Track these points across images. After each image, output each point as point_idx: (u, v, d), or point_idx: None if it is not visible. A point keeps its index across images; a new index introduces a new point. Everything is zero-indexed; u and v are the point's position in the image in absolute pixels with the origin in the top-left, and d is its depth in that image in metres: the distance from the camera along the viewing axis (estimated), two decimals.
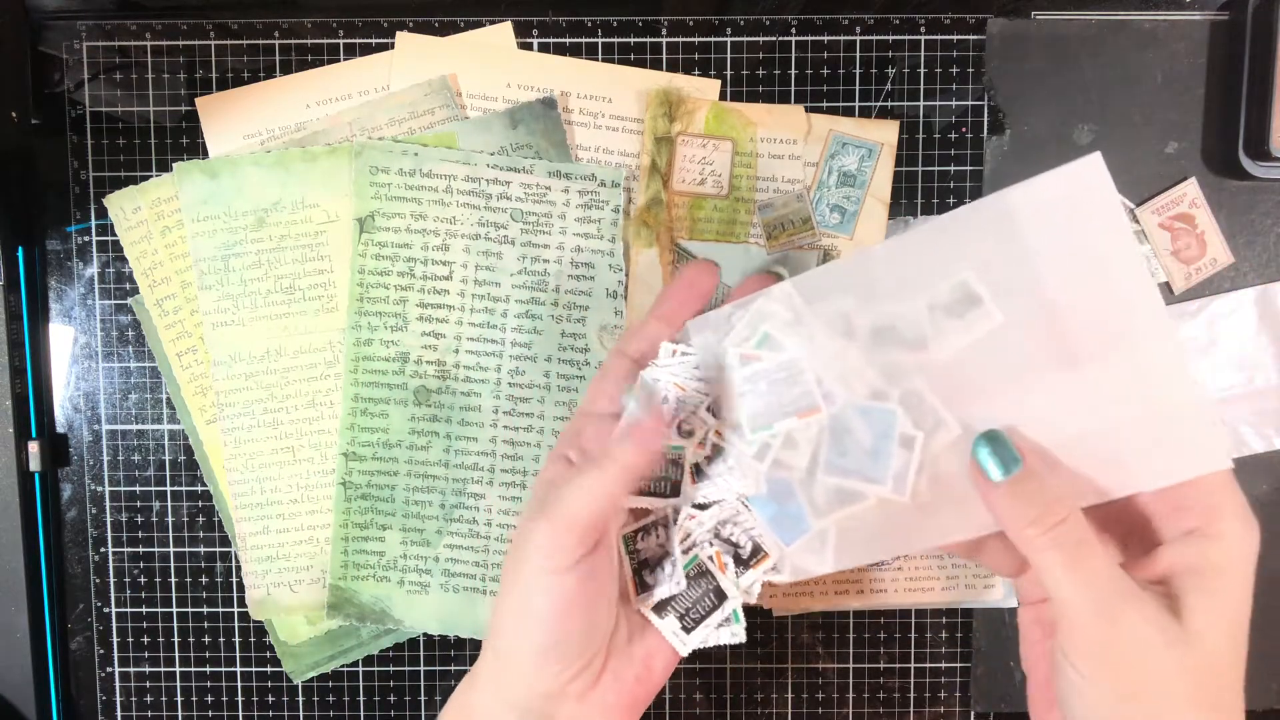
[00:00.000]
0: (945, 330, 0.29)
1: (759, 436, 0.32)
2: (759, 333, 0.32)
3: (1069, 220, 0.28)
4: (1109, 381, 0.28)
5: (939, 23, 0.48)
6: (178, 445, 0.49)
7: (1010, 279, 0.29)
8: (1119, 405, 0.28)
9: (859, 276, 0.31)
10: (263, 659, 0.49)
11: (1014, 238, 0.28)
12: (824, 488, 0.32)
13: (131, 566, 0.49)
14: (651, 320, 0.36)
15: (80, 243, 0.48)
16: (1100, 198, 0.28)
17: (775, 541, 0.33)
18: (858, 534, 0.32)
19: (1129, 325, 0.28)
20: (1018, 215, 0.28)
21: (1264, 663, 0.49)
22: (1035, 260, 0.28)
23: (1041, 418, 0.29)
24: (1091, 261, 0.28)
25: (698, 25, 0.47)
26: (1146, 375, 0.28)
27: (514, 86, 0.47)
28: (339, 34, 0.47)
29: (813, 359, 0.31)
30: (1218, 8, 0.47)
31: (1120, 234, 0.28)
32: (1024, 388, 0.29)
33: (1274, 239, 0.48)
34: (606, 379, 0.36)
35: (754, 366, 0.32)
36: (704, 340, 0.34)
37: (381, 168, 0.46)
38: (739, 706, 0.50)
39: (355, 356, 0.47)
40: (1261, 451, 0.49)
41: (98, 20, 0.47)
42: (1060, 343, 0.28)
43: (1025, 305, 0.29)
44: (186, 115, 0.48)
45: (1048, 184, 0.28)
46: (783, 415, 0.32)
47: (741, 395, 0.33)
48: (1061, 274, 0.28)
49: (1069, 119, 0.48)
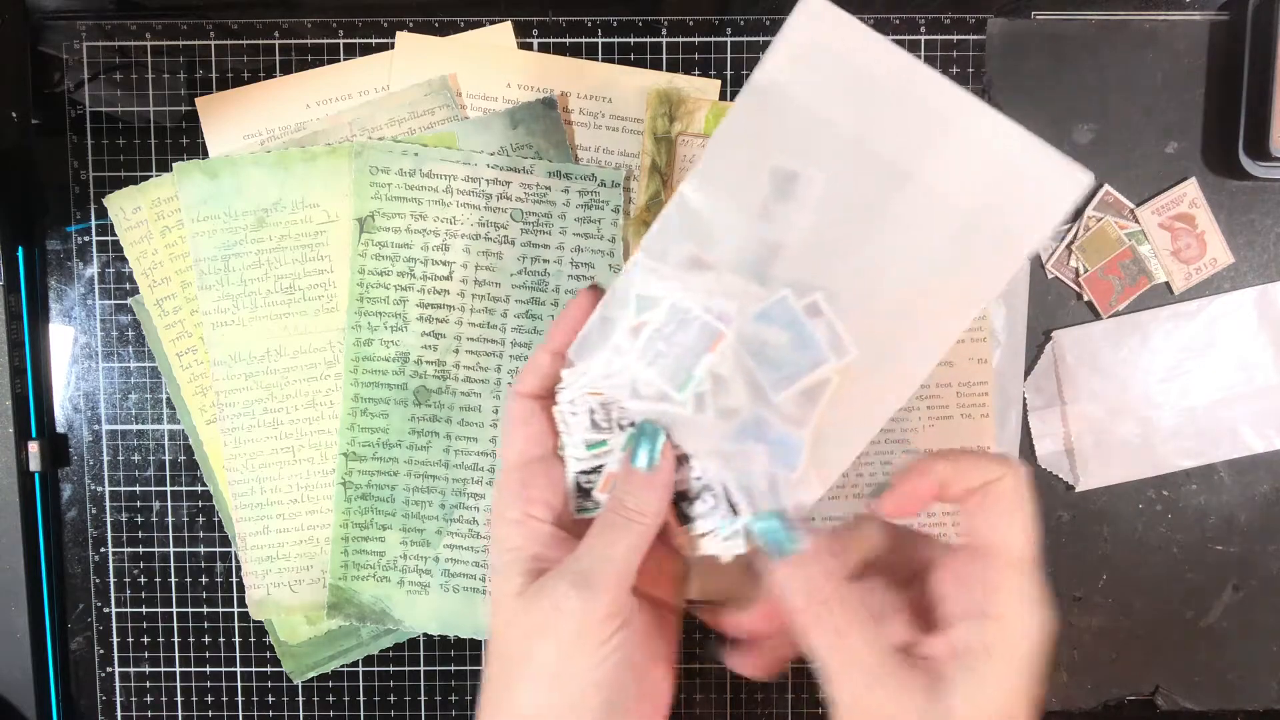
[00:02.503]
0: (783, 216, 0.30)
1: (688, 391, 0.32)
2: (631, 299, 0.32)
3: (823, 61, 0.29)
4: (947, 173, 0.29)
5: (939, 23, 0.48)
6: (178, 445, 0.49)
7: (809, 142, 0.30)
8: (967, 191, 0.29)
9: (686, 218, 0.31)
10: (263, 659, 0.49)
11: (789, 106, 0.30)
12: (786, 399, 0.31)
13: (131, 566, 0.49)
14: (540, 353, 0.34)
15: (80, 243, 0.48)
16: (835, 26, 0.29)
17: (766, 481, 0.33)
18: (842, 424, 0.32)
19: (935, 114, 0.29)
20: (775, 86, 0.30)
21: (1264, 662, 0.49)
22: (819, 113, 0.29)
23: (902, 244, 0.30)
24: (866, 82, 0.29)
25: (698, 25, 0.47)
26: (977, 146, 0.29)
27: (514, 86, 0.47)
28: (339, 34, 0.47)
29: (690, 295, 0.31)
30: (1218, 8, 0.47)
31: (868, 40, 0.29)
32: (876, 226, 0.30)
33: (1274, 239, 0.48)
34: (511, 426, 0.33)
35: (645, 332, 0.32)
36: (589, 352, 0.33)
37: (381, 168, 0.46)
38: (739, 706, 0.50)
39: (355, 356, 0.47)
40: (1262, 452, 0.49)
41: (98, 20, 0.47)
42: (886, 167, 0.29)
43: (835, 155, 0.30)
44: (186, 115, 0.48)
45: (783, 43, 0.29)
46: (696, 358, 0.31)
47: (650, 364, 0.32)
48: (849, 111, 0.29)
49: (1069, 119, 0.48)
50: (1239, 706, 0.50)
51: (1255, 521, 0.49)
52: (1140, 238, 0.48)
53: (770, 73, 0.30)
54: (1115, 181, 0.48)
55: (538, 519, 0.32)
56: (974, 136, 0.29)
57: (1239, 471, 0.49)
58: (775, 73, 0.30)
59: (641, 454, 0.31)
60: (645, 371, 0.32)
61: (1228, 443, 0.49)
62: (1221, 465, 0.49)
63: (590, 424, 0.33)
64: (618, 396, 0.32)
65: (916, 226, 0.30)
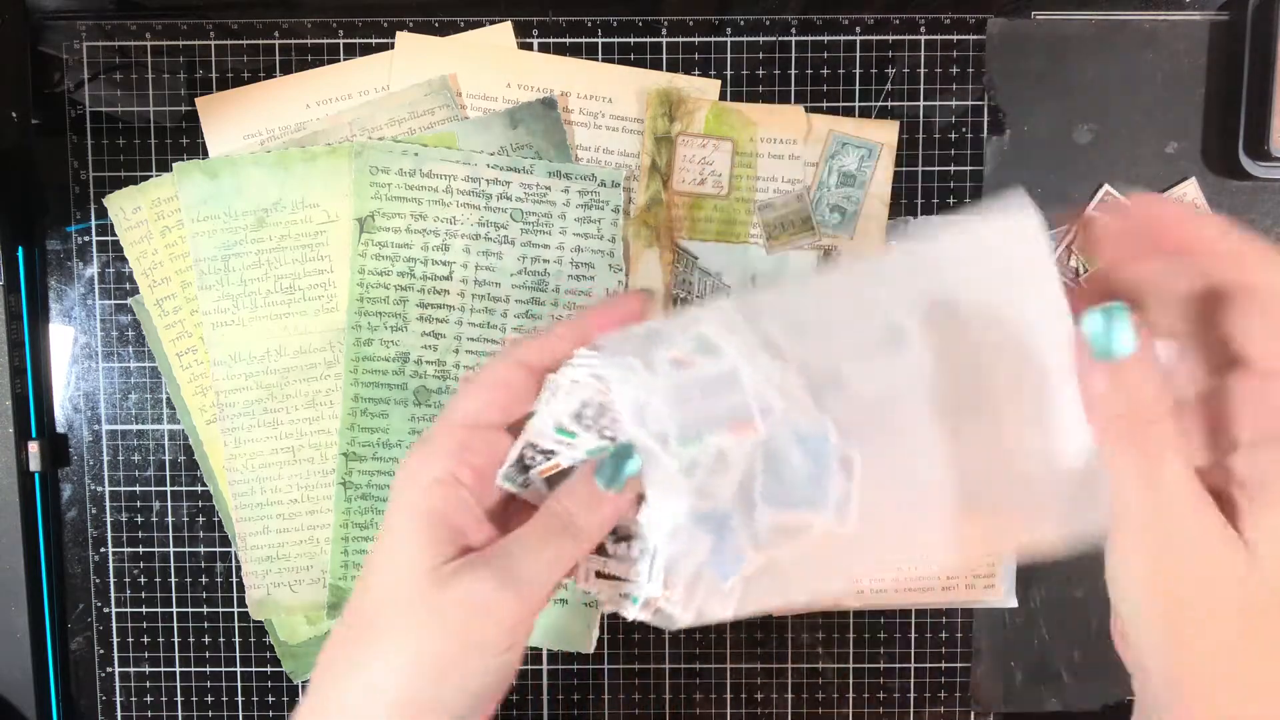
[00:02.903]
0: (874, 367, 0.29)
1: (688, 451, 0.29)
2: (694, 336, 0.30)
3: (998, 271, 0.28)
4: (1013, 434, 0.28)
5: (939, 23, 0.48)
6: (178, 445, 0.48)
7: (937, 323, 0.29)
8: (1019, 457, 0.28)
9: (791, 305, 0.30)
10: (263, 659, 0.49)
11: (943, 283, 0.28)
12: (765, 520, 0.30)
13: (131, 566, 0.49)
14: (561, 333, 0.30)
15: (80, 243, 0.48)
16: (1030, 251, 0.28)
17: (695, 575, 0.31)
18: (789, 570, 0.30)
19: (1040, 381, 0.28)
20: (948, 260, 0.28)
21: None
22: (962, 308, 0.28)
23: (948, 462, 0.29)
24: (1017, 315, 0.28)
25: (698, 25, 0.47)
26: (1045, 430, 0.28)
27: (514, 86, 0.47)
28: (339, 34, 0.47)
29: (750, 369, 0.29)
30: (1218, 8, 0.47)
31: (1047, 291, 0.27)
32: (938, 430, 0.29)
33: (1274, 239, 0.48)
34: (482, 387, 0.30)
35: (689, 373, 0.29)
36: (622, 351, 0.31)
37: (381, 168, 0.46)
38: (739, 706, 0.50)
39: (355, 357, 0.47)
40: None
41: (98, 20, 0.47)
42: (976, 390, 0.28)
43: (947, 351, 0.29)
44: (186, 115, 0.48)
45: (980, 231, 0.28)
46: (715, 427, 0.29)
47: (672, 403, 0.29)
48: (986, 323, 0.28)
49: (1069, 119, 0.48)
50: None
51: None
52: None
53: (943, 249, 0.28)
54: (1115, 181, 0.48)
55: (466, 486, 0.29)
56: (1050, 419, 0.28)
57: None
58: (944, 250, 0.28)
59: (611, 473, 0.29)
60: (663, 406, 0.30)
61: None
62: None
63: (575, 411, 0.30)
64: (622, 409, 0.30)
65: (954, 461, 0.29)
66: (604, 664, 0.49)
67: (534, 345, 0.30)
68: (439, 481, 0.28)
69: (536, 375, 0.30)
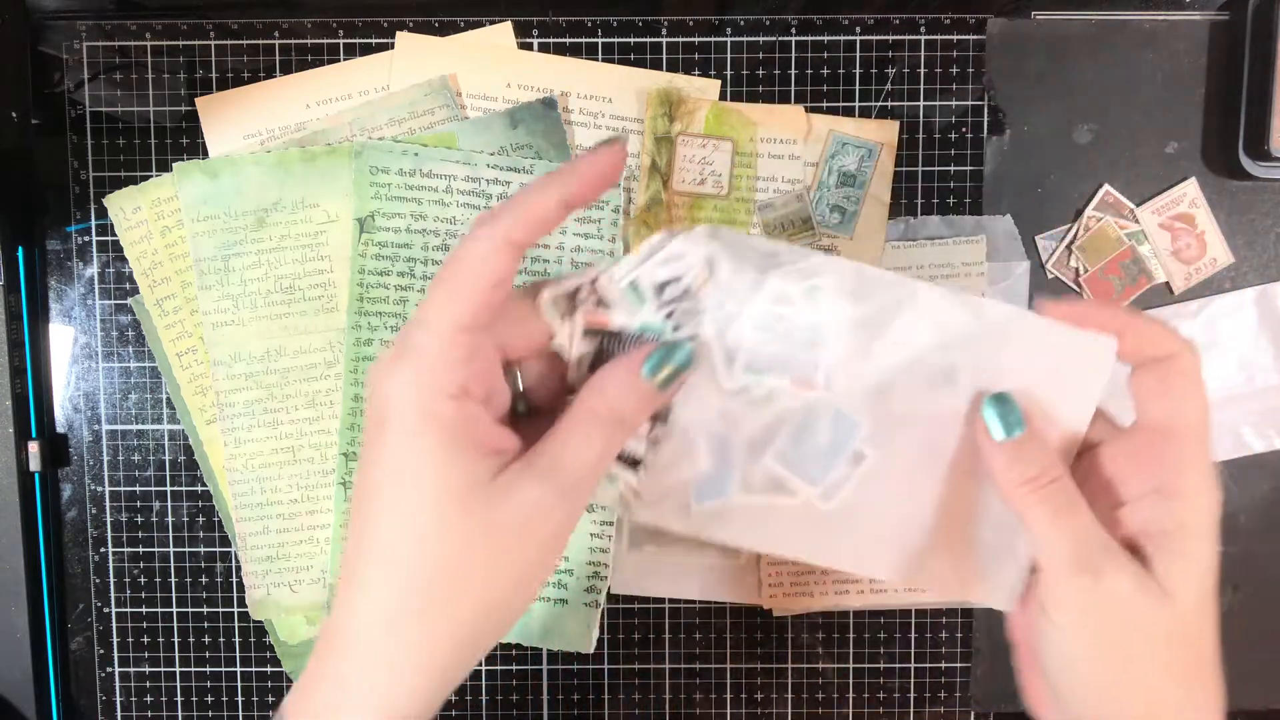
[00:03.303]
0: (915, 392, 0.30)
1: (746, 379, 0.30)
2: (810, 286, 0.30)
3: (1055, 367, 0.30)
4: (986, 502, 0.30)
5: (939, 23, 0.48)
6: (178, 445, 0.49)
7: (982, 384, 0.30)
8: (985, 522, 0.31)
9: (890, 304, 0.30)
10: (263, 659, 0.49)
11: (1005, 352, 0.30)
12: (763, 470, 0.31)
13: (131, 566, 0.49)
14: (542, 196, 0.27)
15: (80, 243, 0.48)
16: (1094, 364, 0.30)
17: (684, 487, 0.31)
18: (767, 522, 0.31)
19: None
20: (1020, 336, 0.30)
21: (1264, 662, 0.49)
22: (1005, 379, 0.30)
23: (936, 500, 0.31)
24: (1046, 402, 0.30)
25: (698, 25, 0.47)
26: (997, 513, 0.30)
27: (514, 86, 0.47)
28: (339, 34, 0.47)
29: (836, 343, 0.30)
30: (1218, 8, 0.47)
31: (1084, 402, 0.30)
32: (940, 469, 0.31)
33: (1274, 239, 0.48)
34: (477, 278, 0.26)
35: (785, 310, 0.30)
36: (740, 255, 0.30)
37: (381, 168, 0.46)
38: (739, 706, 0.50)
39: (355, 357, 0.47)
40: (1262, 451, 0.49)
41: (98, 20, 0.47)
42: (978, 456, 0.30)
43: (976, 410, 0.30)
44: (186, 115, 0.48)
45: (1062, 334, 0.30)
46: (781, 372, 0.30)
47: (753, 325, 0.30)
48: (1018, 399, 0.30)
49: (1069, 119, 0.48)
50: (1239, 706, 0.50)
51: (1255, 522, 0.49)
52: (1140, 238, 0.48)
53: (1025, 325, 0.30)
54: (1115, 181, 0.48)
55: (475, 399, 0.26)
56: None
57: (1239, 471, 0.49)
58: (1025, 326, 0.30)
59: (662, 367, 0.27)
60: (749, 328, 0.30)
61: (1228, 443, 0.49)
62: (1222, 465, 0.49)
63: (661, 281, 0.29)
64: (711, 308, 0.29)
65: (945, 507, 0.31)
66: (604, 664, 0.49)
67: (517, 217, 0.27)
68: (452, 398, 0.25)
69: (522, 252, 0.27)
